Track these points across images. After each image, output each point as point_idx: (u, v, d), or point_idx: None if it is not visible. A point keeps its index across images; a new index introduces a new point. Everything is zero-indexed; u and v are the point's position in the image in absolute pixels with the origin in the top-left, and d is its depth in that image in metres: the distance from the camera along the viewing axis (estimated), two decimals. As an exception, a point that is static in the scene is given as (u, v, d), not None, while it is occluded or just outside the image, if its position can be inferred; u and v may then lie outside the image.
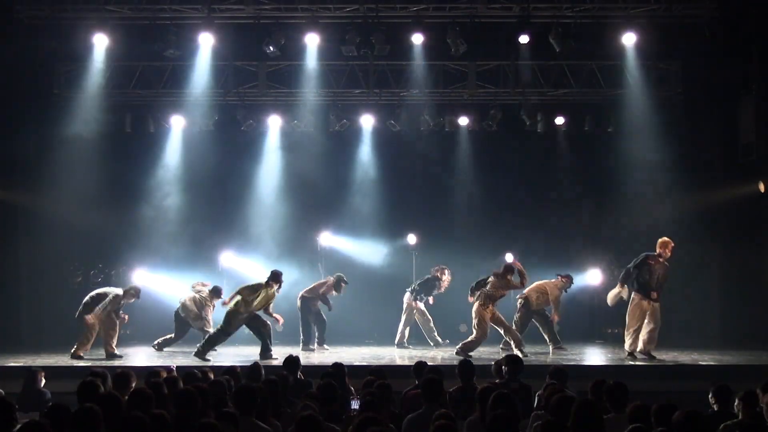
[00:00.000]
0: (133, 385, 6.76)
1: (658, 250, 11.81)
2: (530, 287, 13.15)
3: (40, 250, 15.18)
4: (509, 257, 13.44)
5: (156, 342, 13.54)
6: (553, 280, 13.44)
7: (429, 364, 8.20)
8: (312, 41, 14.26)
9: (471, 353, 12.01)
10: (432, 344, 13.99)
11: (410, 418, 6.08)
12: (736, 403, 6.03)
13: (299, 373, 8.28)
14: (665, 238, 11.90)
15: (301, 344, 13.64)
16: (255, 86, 15.66)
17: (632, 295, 11.86)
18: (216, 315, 13.57)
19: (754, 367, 11.00)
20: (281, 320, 12.92)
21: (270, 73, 15.64)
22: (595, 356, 12.98)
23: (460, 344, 12.33)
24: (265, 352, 12.10)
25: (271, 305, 12.50)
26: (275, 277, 12.44)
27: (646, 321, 11.73)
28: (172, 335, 13.64)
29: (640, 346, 11.74)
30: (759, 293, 14.24)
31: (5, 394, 6.87)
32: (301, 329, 13.86)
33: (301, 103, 15.63)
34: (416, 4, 14.02)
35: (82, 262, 15.58)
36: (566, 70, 15.46)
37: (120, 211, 15.28)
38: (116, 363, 11.42)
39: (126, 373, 7.01)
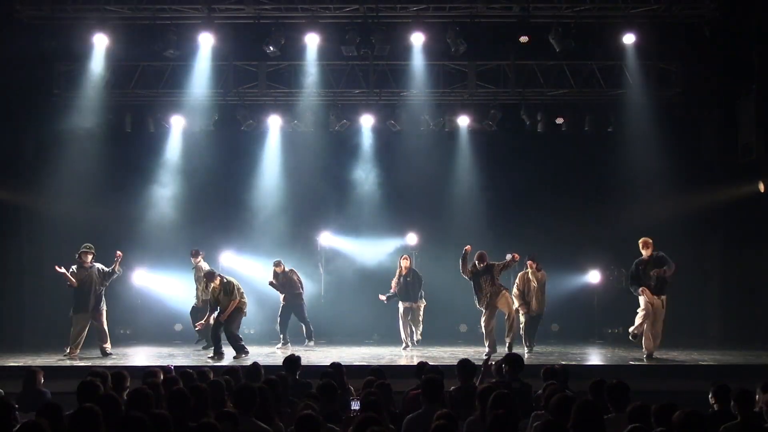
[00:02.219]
0: (128, 385, 6.76)
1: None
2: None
3: (40, 250, 15.17)
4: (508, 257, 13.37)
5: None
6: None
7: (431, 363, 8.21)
8: (312, 41, 14.26)
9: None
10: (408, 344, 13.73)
11: (410, 418, 6.08)
12: (731, 404, 6.03)
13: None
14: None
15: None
16: (255, 86, 15.65)
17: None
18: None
19: (754, 367, 11.02)
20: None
21: (270, 73, 15.63)
22: (595, 356, 12.98)
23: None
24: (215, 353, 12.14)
25: (231, 305, 12.19)
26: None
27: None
28: None
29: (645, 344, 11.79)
30: (759, 293, 14.24)
31: (5, 394, 6.87)
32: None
33: (301, 103, 15.65)
34: (416, 4, 14.01)
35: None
36: (566, 70, 15.45)
37: (119, 210, 15.26)
38: (119, 363, 11.45)
39: (121, 373, 7.01)
